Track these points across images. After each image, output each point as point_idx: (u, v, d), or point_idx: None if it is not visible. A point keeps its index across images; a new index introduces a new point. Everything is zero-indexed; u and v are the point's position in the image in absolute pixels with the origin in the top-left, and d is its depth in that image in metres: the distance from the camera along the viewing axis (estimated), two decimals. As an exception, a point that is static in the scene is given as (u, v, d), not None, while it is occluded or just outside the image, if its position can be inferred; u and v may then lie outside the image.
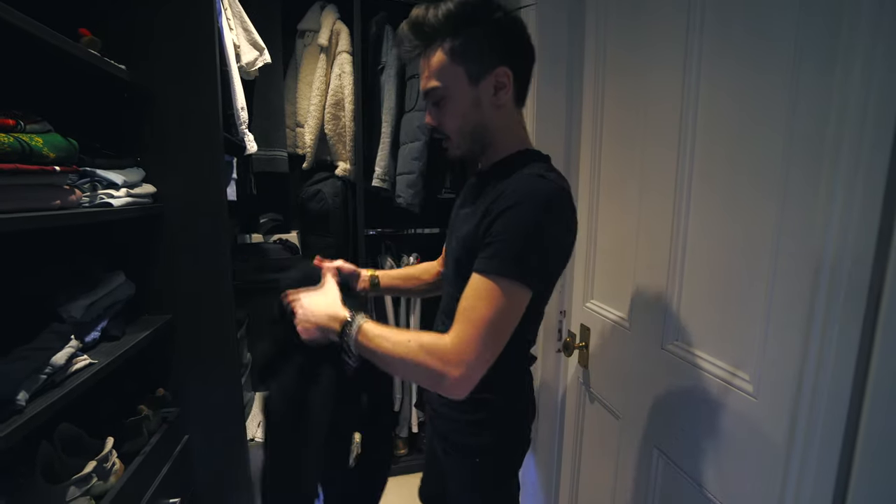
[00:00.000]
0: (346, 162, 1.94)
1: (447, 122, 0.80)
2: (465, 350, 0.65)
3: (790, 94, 0.62)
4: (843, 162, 0.51)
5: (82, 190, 0.96)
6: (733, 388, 0.74)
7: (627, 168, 1.04)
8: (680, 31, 0.84)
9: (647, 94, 0.96)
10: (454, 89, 0.77)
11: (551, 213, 0.69)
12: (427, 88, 0.79)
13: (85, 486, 0.87)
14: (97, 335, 1.02)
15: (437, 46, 0.76)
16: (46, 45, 0.81)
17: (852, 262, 0.48)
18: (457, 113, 0.78)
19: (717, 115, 0.78)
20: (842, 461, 0.48)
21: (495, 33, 0.75)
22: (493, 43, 0.75)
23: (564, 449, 1.39)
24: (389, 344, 0.70)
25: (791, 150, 0.63)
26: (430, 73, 0.78)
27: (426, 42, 0.77)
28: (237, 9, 1.54)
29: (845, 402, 0.48)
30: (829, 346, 0.50)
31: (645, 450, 0.98)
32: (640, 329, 1.00)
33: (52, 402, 0.77)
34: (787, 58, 0.63)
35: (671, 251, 0.89)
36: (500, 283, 0.66)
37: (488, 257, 0.68)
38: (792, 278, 0.64)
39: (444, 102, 0.79)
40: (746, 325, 0.72)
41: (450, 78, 0.76)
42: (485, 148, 0.82)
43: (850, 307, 0.48)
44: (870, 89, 0.48)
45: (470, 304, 0.67)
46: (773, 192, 0.66)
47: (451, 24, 0.74)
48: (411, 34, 0.77)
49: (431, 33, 0.76)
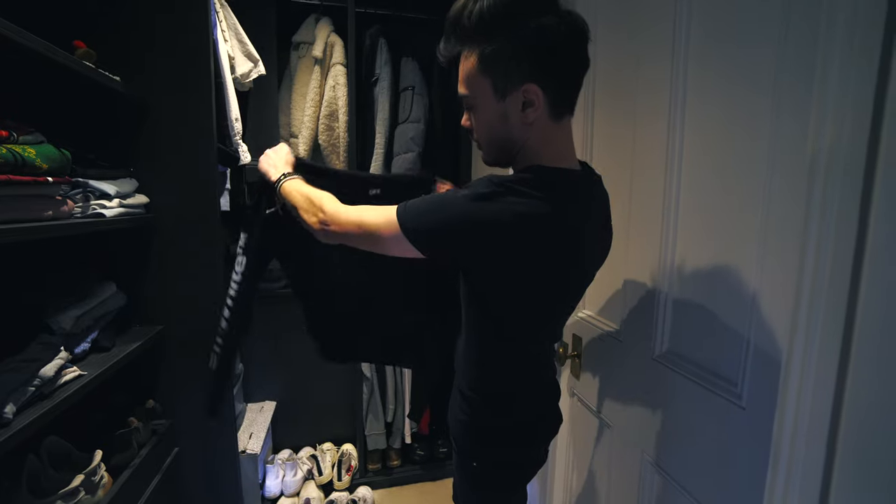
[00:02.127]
0: (340, 172, 1.95)
1: (477, 130, 0.78)
2: (337, 217, 0.80)
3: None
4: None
5: (74, 201, 0.96)
6: (721, 398, 0.75)
7: (617, 177, 1.06)
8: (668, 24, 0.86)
9: (636, 104, 0.97)
10: (481, 101, 0.74)
11: (476, 207, 0.68)
12: (459, 94, 0.76)
13: (72, 501, 0.86)
14: (87, 346, 1.01)
15: (469, 51, 0.72)
16: (41, 57, 0.81)
17: (830, 277, 0.50)
18: (485, 123, 0.76)
19: (706, 124, 0.80)
20: (826, 469, 0.50)
21: (528, 46, 0.68)
22: (520, 56, 0.68)
23: (557, 459, 1.39)
24: (297, 194, 0.86)
25: (774, 159, 0.65)
26: (462, 79, 0.75)
27: (460, 43, 0.73)
28: (232, 20, 1.56)
29: (828, 411, 0.49)
30: (811, 357, 0.51)
31: (636, 460, 0.99)
32: (631, 340, 1.01)
33: (39, 414, 0.77)
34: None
35: (660, 262, 0.90)
36: (390, 212, 0.75)
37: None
38: (777, 290, 0.65)
39: (474, 111, 0.77)
40: (734, 335, 0.73)
41: (477, 88, 0.73)
42: (514, 159, 0.79)
43: (830, 322, 0.50)
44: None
45: (372, 209, 0.78)
46: (756, 201, 0.68)
47: (483, 28, 0.68)
48: (451, 31, 0.73)
49: (463, 35, 0.71)
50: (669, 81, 0.86)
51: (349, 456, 2.11)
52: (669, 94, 0.86)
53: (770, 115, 0.66)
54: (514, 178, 0.70)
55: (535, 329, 0.84)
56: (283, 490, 1.93)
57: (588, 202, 0.78)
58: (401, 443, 2.16)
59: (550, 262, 0.73)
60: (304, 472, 2.01)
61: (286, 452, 2.07)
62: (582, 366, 1.23)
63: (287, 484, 1.93)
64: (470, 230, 0.69)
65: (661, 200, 0.89)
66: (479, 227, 0.69)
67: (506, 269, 0.72)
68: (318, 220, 0.81)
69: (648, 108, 0.93)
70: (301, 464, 2.02)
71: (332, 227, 0.80)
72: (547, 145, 0.75)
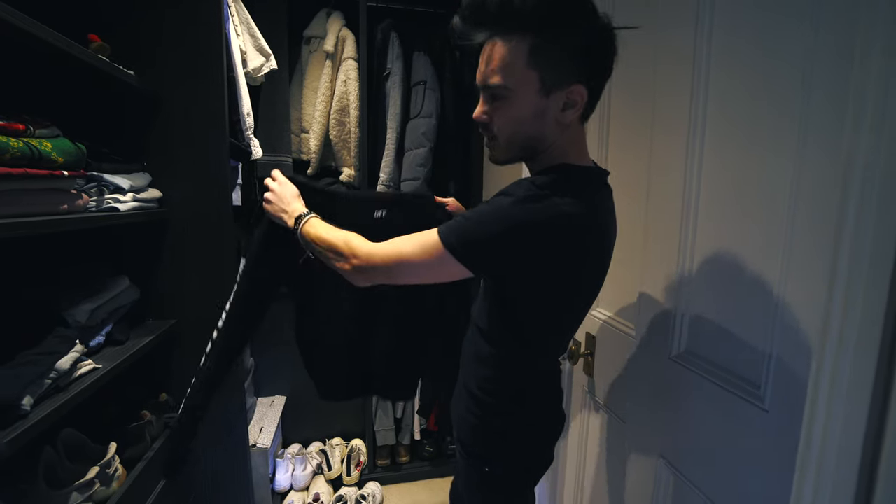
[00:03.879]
0: (350, 168, 1.94)
1: (501, 125, 0.72)
2: (372, 257, 0.75)
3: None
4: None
5: (89, 194, 0.96)
6: (743, 400, 0.73)
7: (634, 173, 1.04)
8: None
9: (655, 94, 0.95)
10: (521, 94, 0.68)
11: (526, 211, 0.67)
12: (488, 83, 0.70)
13: (87, 492, 0.87)
14: (102, 340, 1.02)
15: (515, 38, 0.65)
16: (56, 51, 0.81)
17: (868, 277, 0.47)
18: (515, 119, 0.71)
19: (731, 106, 0.77)
20: (861, 477, 0.47)
21: (585, 45, 0.66)
22: (578, 55, 0.66)
23: (569, 458, 1.38)
24: (322, 241, 0.81)
25: (802, 154, 0.63)
26: (497, 67, 0.68)
27: (501, 28, 0.66)
28: (244, 15, 1.55)
29: (864, 416, 0.47)
30: (844, 359, 0.49)
31: (651, 460, 0.97)
32: (647, 338, 0.99)
33: (56, 406, 0.77)
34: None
35: (679, 259, 0.88)
36: (427, 238, 0.72)
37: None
38: (804, 288, 0.63)
39: (503, 103, 0.70)
40: (757, 334, 0.71)
41: (520, 80, 0.67)
42: (530, 158, 0.76)
43: (868, 320, 0.47)
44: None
45: (405, 240, 0.74)
46: (783, 197, 0.66)
47: (541, 17, 0.64)
48: (484, 13, 0.66)
49: (514, 19, 0.64)
50: (690, 86, 0.84)
51: (358, 451, 2.11)
52: (691, 87, 0.84)
53: (800, 102, 0.64)
54: (554, 179, 0.70)
55: (560, 330, 0.83)
56: (293, 484, 1.94)
57: (609, 199, 0.79)
58: (410, 439, 2.16)
59: (588, 258, 0.74)
60: (314, 466, 2.02)
61: (296, 447, 2.08)
62: (595, 364, 1.22)
63: (297, 478, 1.95)
64: (524, 234, 0.67)
65: (681, 200, 0.87)
66: (532, 230, 0.67)
67: (550, 268, 0.71)
68: (353, 267, 0.76)
69: (668, 89, 0.91)
70: (311, 458, 2.03)
71: (369, 269, 0.76)
72: (572, 145, 0.75)
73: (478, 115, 0.74)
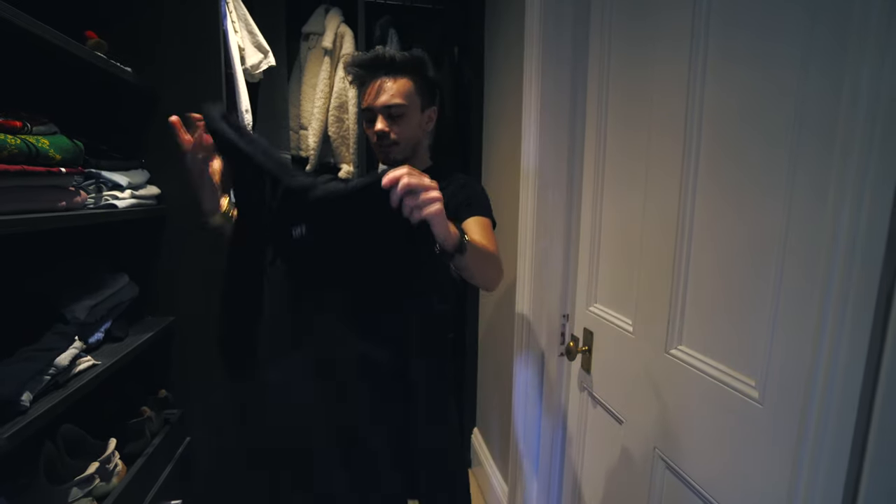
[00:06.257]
0: (349, 164, 1.94)
1: (402, 133, 1.07)
2: (498, 253, 0.99)
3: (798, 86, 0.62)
4: (851, 164, 0.50)
5: (87, 191, 0.97)
6: (738, 394, 0.73)
7: (632, 172, 1.04)
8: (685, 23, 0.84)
9: (651, 94, 0.95)
10: (412, 110, 1.07)
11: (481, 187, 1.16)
12: (391, 103, 1.03)
13: (87, 487, 0.88)
14: (101, 336, 1.02)
15: (403, 77, 1.04)
16: (53, 48, 0.81)
17: (862, 264, 0.48)
18: (411, 127, 1.08)
19: (724, 113, 0.78)
20: (850, 470, 0.48)
21: (435, 83, 1.13)
22: (433, 88, 1.12)
23: (567, 453, 1.39)
24: (481, 255, 0.90)
25: (798, 150, 0.63)
26: (397, 93, 1.04)
27: (392, 71, 1.04)
28: (242, 11, 1.55)
29: (854, 409, 0.47)
30: (838, 352, 0.50)
31: (648, 455, 0.98)
32: (644, 334, 0.99)
33: (55, 402, 0.78)
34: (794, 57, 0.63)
35: (675, 255, 0.88)
36: (488, 224, 1.03)
37: (478, 208, 1.03)
38: (800, 281, 0.63)
39: (402, 119, 1.05)
40: (753, 329, 0.72)
41: (412, 102, 1.06)
42: (413, 156, 1.11)
43: (860, 312, 0.47)
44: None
45: (480, 231, 0.98)
46: (780, 192, 0.66)
47: (416, 65, 1.06)
48: (380, 62, 1.04)
49: (402, 65, 1.04)
50: (686, 85, 0.84)
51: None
52: (687, 75, 0.84)
53: (799, 93, 0.64)
54: (458, 169, 1.20)
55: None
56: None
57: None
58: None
59: None
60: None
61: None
62: (593, 360, 1.22)
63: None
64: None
65: (678, 186, 0.87)
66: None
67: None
68: (502, 270, 0.98)
69: (663, 85, 0.91)
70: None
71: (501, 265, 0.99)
72: (428, 148, 1.20)
73: (380, 128, 1.05)
